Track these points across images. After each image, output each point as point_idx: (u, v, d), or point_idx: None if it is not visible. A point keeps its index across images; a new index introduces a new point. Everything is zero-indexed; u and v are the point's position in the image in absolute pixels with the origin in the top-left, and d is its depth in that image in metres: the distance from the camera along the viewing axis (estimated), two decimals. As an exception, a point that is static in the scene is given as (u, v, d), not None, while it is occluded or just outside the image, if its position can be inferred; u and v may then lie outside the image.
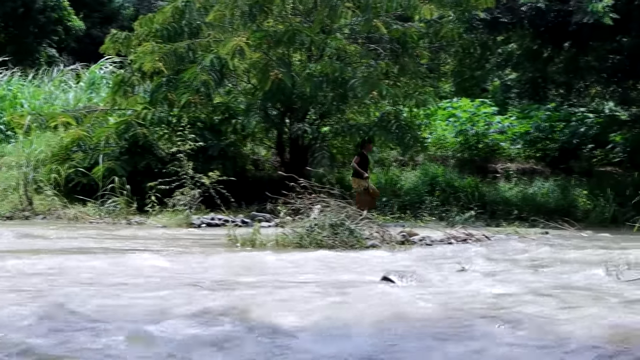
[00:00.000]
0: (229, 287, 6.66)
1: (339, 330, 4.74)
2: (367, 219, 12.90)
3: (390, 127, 20.47)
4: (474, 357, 4.11)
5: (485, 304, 5.79)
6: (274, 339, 4.49)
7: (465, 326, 4.78)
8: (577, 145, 27.30)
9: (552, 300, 5.98)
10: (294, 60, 20.75)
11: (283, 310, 5.29)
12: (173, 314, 5.09)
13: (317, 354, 4.18)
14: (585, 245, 13.22)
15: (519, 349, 4.20)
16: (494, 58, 27.11)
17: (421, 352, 4.21)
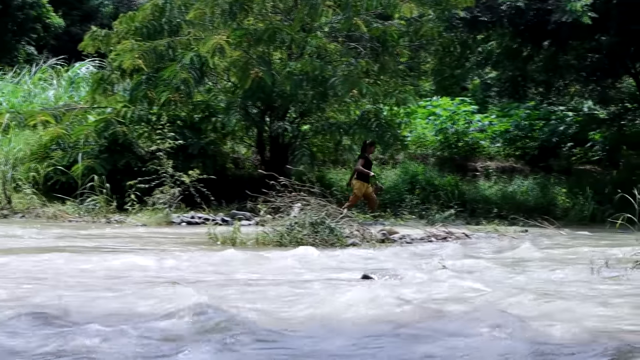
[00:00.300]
0: (209, 285, 6.63)
1: (319, 328, 4.73)
2: (347, 217, 12.89)
3: (371, 126, 20.44)
4: (454, 353, 4.11)
5: (466, 301, 5.80)
6: (254, 336, 4.48)
7: (446, 323, 4.79)
8: (556, 143, 27.42)
9: (532, 298, 5.99)
10: (274, 58, 20.70)
11: (263, 307, 5.28)
12: (145, 312, 5.07)
13: (299, 351, 4.16)
14: (565, 243, 13.28)
15: (499, 347, 4.20)
16: (474, 57, 27.18)
17: (401, 349, 4.21)
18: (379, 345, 4.30)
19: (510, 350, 4.14)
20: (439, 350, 4.19)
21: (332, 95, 19.70)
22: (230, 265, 8.52)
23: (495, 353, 4.10)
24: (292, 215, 12.31)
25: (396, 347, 4.26)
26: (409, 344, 4.33)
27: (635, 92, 26.59)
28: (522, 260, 9.82)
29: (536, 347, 4.19)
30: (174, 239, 12.59)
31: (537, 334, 4.50)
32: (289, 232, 11.65)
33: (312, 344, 4.32)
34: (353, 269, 8.20)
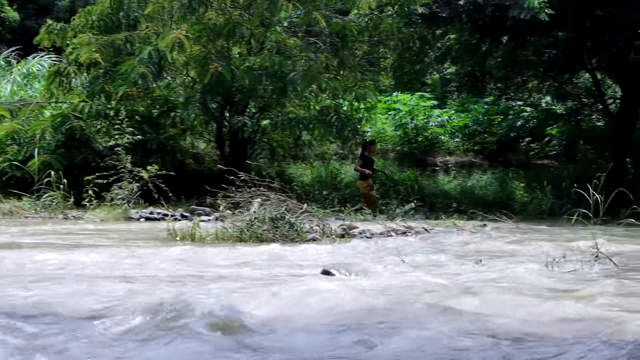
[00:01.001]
0: (166, 281, 6.57)
1: (279, 322, 4.70)
2: (307, 212, 12.87)
3: (330, 121, 20.48)
4: (414, 348, 4.10)
5: (425, 296, 5.80)
6: (213, 332, 4.44)
7: (405, 318, 4.78)
8: (514, 138, 27.67)
9: (491, 292, 6.01)
10: (234, 53, 20.65)
11: (222, 302, 5.23)
12: (98, 309, 5.01)
13: (258, 346, 4.13)
14: (523, 237, 13.35)
15: (458, 341, 4.20)
16: (433, 52, 27.29)
17: (361, 344, 4.19)
18: (339, 340, 4.28)
19: (469, 345, 4.14)
20: (399, 344, 4.18)
21: (291, 90, 19.69)
22: (189, 260, 8.46)
23: (454, 347, 4.10)
24: (251, 211, 12.26)
25: (357, 341, 4.24)
26: (371, 338, 4.32)
27: (592, 88, 26.86)
28: (480, 254, 9.85)
29: (495, 341, 4.19)
30: (132, 234, 12.48)
31: (496, 328, 4.51)
32: (248, 228, 11.59)
33: (271, 339, 4.29)
34: (313, 264, 8.18)
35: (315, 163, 24.41)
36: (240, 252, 9.51)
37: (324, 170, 23.89)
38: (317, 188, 22.57)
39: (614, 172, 18.88)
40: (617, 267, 8.08)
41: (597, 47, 23.07)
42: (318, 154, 24.55)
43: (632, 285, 6.78)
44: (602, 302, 5.52)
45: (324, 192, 21.98)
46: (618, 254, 9.44)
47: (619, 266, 8.15)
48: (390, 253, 9.83)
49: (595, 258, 8.45)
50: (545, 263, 8.05)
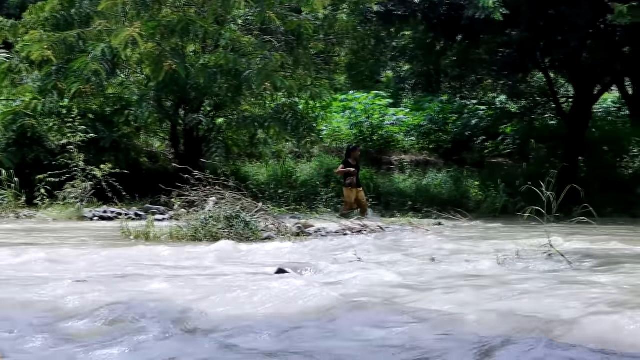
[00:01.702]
0: (119, 280, 6.50)
1: (233, 322, 4.67)
2: (262, 210, 12.84)
3: (286, 119, 20.45)
4: (369, 345, 4.09)
5: (381, 294, 5.79)
6: (166, 332, 4.39)
7: (360, 316, 4.77)
8: (469, 137, 27.85)
9: (446, 290, 6.02)
10: (188, 51, 20.54)
11: (176, 302, 5.19)
12: (47, 309, 4.94)
13: (212, 346, 4.10)
14: (477, 235, 13.43)
15: (414, 339, 4.20)
16: (388, 51, 27.37)
17: (317, 342, 4.17)
18: (293, 338, 4.26)
19: (424, 343, 4.14)
20: (354, 342, 4.17)
21: (246, 89, 19.62)
22: (143, 260, 8.38)
23: (410, 343, 4.09)
24: (206, 209, 12.20)
25: (312, 339, 4.22)
26: (325, 336, 4.30)
27: (545, 87, 27.11)
28: (436, 252, 9.88)
29: (450, 337, 4.19)
30: (85, 233, 12.34)
31: (450, 324, 4.51)
32: (203, 226, 11.54)
33: (226, 339, 4.26)
34: (268, 263, 8.14)
35: (270, 161, 24.38)
36: (195, 251, 9.45)
37: (280, 168, 23.87)
38: (272, 186, 22.55)
39: (566, 170, 19.06)
40: (570, 264, 8.14)
41: (550, 46, 23.28)
42: (273, 152, 24.52)
43: (583, 281, 6.84)
44: (551, 298, 5.55)
45: (280, 191, 21.97)
46: (570, 251, 9.52)
47: (571, 263, 8.21)
48: (345, 251, 9.83)
49: (548, 255, 8.51)
50: (498, 260, 8.10)
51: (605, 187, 23.71)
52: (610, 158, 25.92)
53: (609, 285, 6.57)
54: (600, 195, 22.43)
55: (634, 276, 7.21)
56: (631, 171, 25.18)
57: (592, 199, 17.16)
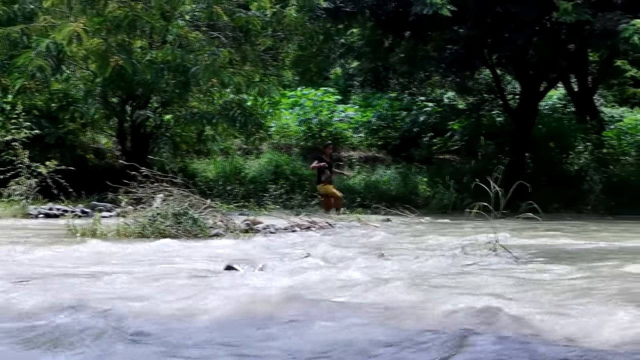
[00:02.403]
0: (65, 279, 6.42)
1: (183, 320, 4.63)
2: (210, 207, 12.77)
3: (234, 116, 20.37)
4: (317, 341, 4.07)
5: (330, 290, 5.79)
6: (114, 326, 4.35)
7: (312, 312, 4.75)
8: (417, 133, 27.97)
9: (395, 285, 6.03)
10: (135, 47, 20.34)
11: (125, 300, 5.14)
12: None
13: (163, 346, 4.05)
14: (425, 231, 13.50)
15: (362, 334, 4.19)
16: (337, 47, 27.37)
17: (265, 339, 4.15)
18: (243, 335, 4.23)
19: (373, 339, 4.13)
20: (306, 339, 4.16)
21: (194, 85, 19.49)
22: (88, 258, 8.29)
23: (363, 339, 4.08)
24: (154, 206, 12.11)
25: (261, 335, 4.20)
26: (276, 332, 4.28)
27: (492, 83, 27.31)
28: (385, 248, 9.91)
29: (404, 335, 4.19)
30: (30, 231, 12.18)
31: (399, 321, 4.51)
32: (151, 223, 11.45)
33: (176, 337, 4.22)
34: (217, 260, 8.10)
35: (219, 158, 24.29)
36: (142, 248, 9.37)
37: (228, 165, 23.78)
38: (221, 183, 22.46)
39: (513, 167, 19.26)
40: (516, 260, 8.21)
41: (497, 43, 23.45)
42: (222, 148, 24.42)
43: (527, 276, 6.90)
44: (497, 293, 5.59)
45: (228, 187, 21.89)
46: (517, 246, 9.60)
47: (517, 258, 8.28)
48: (294, 248, 9.82)
49: (495, 251, 8.58)
50: (446, 256, 8.14)
51: (551, 182, 23.97)
52: (556, 154, 26.19)
53: (552, 281, 6.64)
54: (546, 190, 22.68)
55: (578, 272, 7.28)
56: (576, 167, 25.46)
57: (538, 195, 17.36)
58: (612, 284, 6.39)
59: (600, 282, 6.59)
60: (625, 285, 6.28)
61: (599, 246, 10.54)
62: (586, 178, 23.36)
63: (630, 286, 6.19)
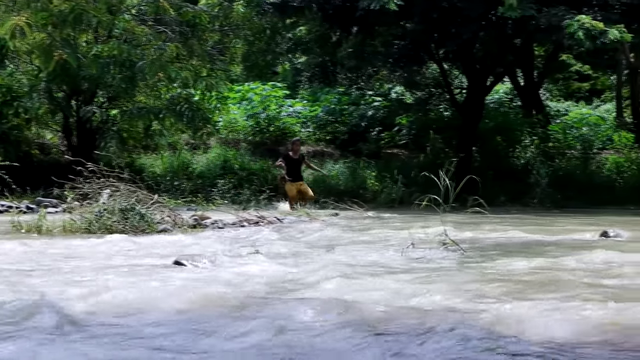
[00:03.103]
0: (12, 274, 6.33)
1: (132, 314, 4.59)
2: (158, 202, 12.68)
3: (181, 110, 20.24)
4: (270, 336, 4.06)
5: (279, 285, 5.78)
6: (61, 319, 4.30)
7: (259, 306, 4.74)
8: (365, 128, 28.02)
9: (345, 279, 6.04)
10: (81, 41, 20.11)
11: (72, 295, 5.08)
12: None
13: (112, 339, 4.02)
14: (374, 225, 13.53)
15: (314, 328, 4.19)
16: (284, 42, 27.34)
17: (216, 334, 4.13)
18: (191, 330, 4.20)
19: (328, 332, 4.13)
20: (257, 332, 4.14)
21: (140, 79, 19.32)
22: (35, 253, 8.18)
23: (316, 332, 4.08)
24: (100, 202, 11.99)
25: (212, 330, 4.18)
26: (225, 327, 4.26)
27: (440, 78, 27.47)
28: (333, 242, 9.92)
29: (356, 326, 4.19)
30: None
31: (354, 313, 4.51)
32: (97, 219, 11.34)
33: (125, 331, 4.19)
34: (165, 255, 8.05)
35: (166, 153, 24.14)
36: (89, 244, 9.28)
37: (175, 160, 23.64)
38: (168, 178, 22.31)
39: (461, 161, 19.36)
40: (464, 253, 8.26)
41: (444, 38, 23.58)
42: (169, 143, 24.28)
43: (474, 270, 6.95)
44: (444, 286, 5.62)
45: (176, 183, 21.76)
46: (465, 240, 9.67)
47: (465, 252, 8.34)
48: (242, 243, 9.80)
49: (444, 244, 8.63)
50: (395, 250, 8.16)
51: (498, 176, 24.18)
52: (503, 148, 26.41)
53: (498, 274, 6.69)
54: (493, 184, 22.88)
55: (523, 264, 7.35)
56: (523, 161, 25.69)
57: (486, 189, 17.52)
58: (556, 275, 6.46)
59: (544, 273, 6.66)
60: (566, 277, 6.36)
61: (544, 239, 10.64)
62: (532, 172, 23.58)
63: (570, 278, 6.27)
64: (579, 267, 7.11)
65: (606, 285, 5.91)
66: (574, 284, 5.92)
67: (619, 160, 24.94)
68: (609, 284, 5.95)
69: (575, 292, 5.55)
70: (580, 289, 5.67)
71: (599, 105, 38.68)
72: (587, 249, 8.76)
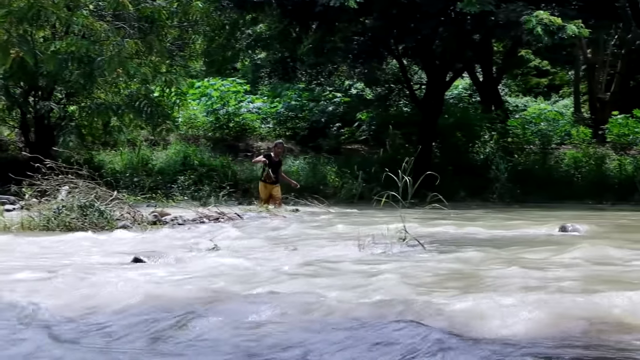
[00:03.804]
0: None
1: (89, 312, 4.56)
2: (117, 199, 12.60)
3: (140, 106, 20.11)
4: (226, 332, 4.06)
5: (240, 281, 5.77)
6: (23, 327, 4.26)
7: (216, 302, 4.73)
8: (325, 123, 28.04)
9: (303, 275, 6.04)
10: (38, 37, 19.90)
11: (31, 293, 5.04)
12: None
13: (67, 337, 3.98)
14: (334, 221, 13.55)
15: (269, 324, 4.19)
16: (244, 38, 27.27)
17: (175, 329, 4.11)
18: (152, 328, 4.18)
19: (290, 329, 4.13)
20: (216, 331, 4.13)
21: (99, 76, 19.15)
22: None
23: (270, 328, 4.08)
24: (59, 199, 11.91)
25: (171, 326, 4.16)
26: (186, 323, 4.25)
27: (399, 74, 27.55)
28: (293, 239, 9.93)
29: (312, 322, 4.20)
30: None
31: (312, 309, 4.52)
32: (56, 216, 11.26)
33: (83, 329, 4.15)
34: (124, 252, 8.00)
35: (125, 149, 23.99)
36: (48, 241, 9.20)
37: (135, 156, 23.50)
38: (127, 175, 22.19)
39: (421, 156, 19.43)
40: (424, 248, 8.30)
41: (403, 34, 23.66)
42: (128, 140, 24.13)
43: (433, 265, 6.99)
44: (408, 281, 5.63)
45: (135, 179, 21.64)
46: (425, 235, 9.71)
47: (425, 247, 8.37)
48: (202, 239, 9.76)
49: (404, 240, 8.66)
50: (355, 245, 8.18)
51: (458, 171, 24.33)
52: (462, 143, 26.57)
53: (456, 269, 6.73)
54: (453, 179, 23.01)
55: (481, 259, 7.41)
56: (482, 156, 25.87)
57: (445, 184, 17.57)
58: (514, 270, 6.51)
59: (503, 268, 6.71)
60: (524, 272, 6.41)
61: (503, 234, 10.73)
62: (492, 167, 23.75)
63: (528, 273, 6.32)
64: (537, 262, 7.17)
65: (563, 279, 5.96)
66: (531, 279, 5.97)
67: (577, 155, 25.19)
68: (566, 277, 6.01)
69: (531, 286, 5.60)
70: (536, 284, 5.73)
71: (557, 101, 39.07)
72: (545, 244, 8.86)
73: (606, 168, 24.46)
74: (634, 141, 25.94)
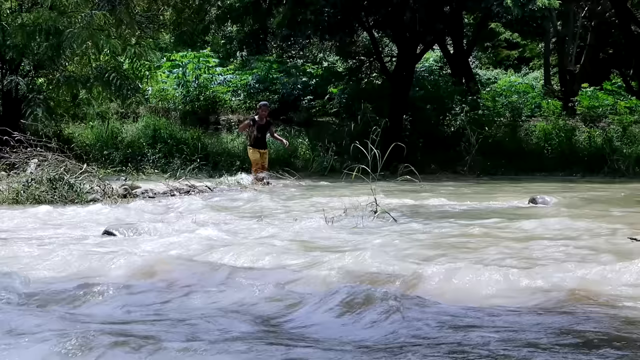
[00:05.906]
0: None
1: (67, 286, 4.54)
2: (87, 172, 12.52)
3: (109, 79, 19.94)
4: (209, 304, 4.06)
5: (214, 253, 5.77)
6: None
7: (197, 276, 4.73)
8: (297, 96, 27.96)
9: (272, 247, 6.05)
10: (4, 9, 19.68)
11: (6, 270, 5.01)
12: None
13: (55, 314, 3.97)
14: (305, 194, 13.57)
15: (243, 298, 4.20)
16: (214, 10, 27.09)
17: (159, 305, 4.11)
18: (132, 301, 4.18)
19: (253, 300, 4.14)
20: (200, 301, 4.14)
21: (67, 48, 18.95)
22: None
23: (239, 304, 4.09)
24: (28, 172, 11.83)
25: (154, 301, 4.15)
26: (169, 297, 4.25)
27: (370, 46, 27.51)
28: (264, 211, 9.93)
29: (282, 295, 4.21)
30: None
31: (286, 283, 4.53)
32: (25, 189, 11.18)
33: (63, 304, 4.14)
34: (94, 225, 7.97)
35: (95, 122, 23.84)
36: (18, 215, 9.14)
37: (105, 129, 23.35)
38: (97, 148, 22.06)
39: (391, 129, 19.44)
40: (395, 221, 8.33)
41: (374, 5, 23.60)
42: (98, 113, 23.97)
43: (404, 237, 7.02)
44: (376, 254, 5.66)
45: (105, 152, 21.52)
46: (396, 207, 9.75)
47: (396, 220, 8.40)
48: (174, 212, 9.75)
49: (375, 212, 8.68)
50: (326, 218, 8.19)
51: (429, 144, 24.40)
52: (433, 116, 26.61)
53: (427, 241, 6.78)
54: (424, 152, 23.08)
55: (452, 230, 7.46)
56: (453, 129, 25.92)
57: (416, 157, 17.65)
58: (484, 241, 6.56)
59: (472, 240, 6.76)
60: (493, 242, 6.46)
61: (473, 206, 10.80)
62: (462, 139, 23.83)
63: (497, 244, 6.37)
64: (506, 233, 7.23)
65: (532, 249, 6.02)
66: (501, 250, 6.02)
67: (547, 128, 25.30)
68: (535, 248, 6.07)
69: (500, 256, 5.66)
70: (505, 254, 5.78)
71: (528, 73, 39.20)
72: (515, 216, 8.93)
73: (576, 140, 24.60)
74: (603, 113, 26.08)
